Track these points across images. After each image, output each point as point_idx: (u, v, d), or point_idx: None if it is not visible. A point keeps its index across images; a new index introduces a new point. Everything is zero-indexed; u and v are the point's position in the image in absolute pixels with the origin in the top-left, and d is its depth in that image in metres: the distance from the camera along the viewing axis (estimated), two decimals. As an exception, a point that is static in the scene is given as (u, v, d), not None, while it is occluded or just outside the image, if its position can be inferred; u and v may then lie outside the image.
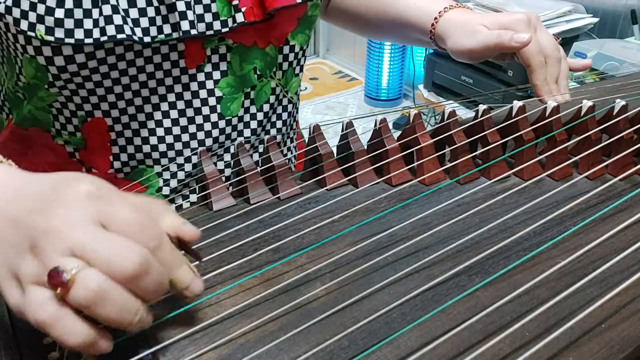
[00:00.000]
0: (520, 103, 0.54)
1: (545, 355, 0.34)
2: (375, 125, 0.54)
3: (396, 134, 0.54)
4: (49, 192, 0.31)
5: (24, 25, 0.47)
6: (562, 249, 0.43)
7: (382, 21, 0.74)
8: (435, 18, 0.67)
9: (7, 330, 0.37)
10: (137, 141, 0.57)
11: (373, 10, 0.74)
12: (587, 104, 0.55)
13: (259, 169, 0.52)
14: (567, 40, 1.69)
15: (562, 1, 1.75)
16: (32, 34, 0.47)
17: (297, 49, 0.61)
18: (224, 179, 0.55)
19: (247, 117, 0.61)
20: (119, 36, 0.48)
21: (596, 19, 1.68)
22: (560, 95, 0.62)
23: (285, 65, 0.62)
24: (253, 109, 0.61)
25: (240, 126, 0.61)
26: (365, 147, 0.54)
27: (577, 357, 0.34)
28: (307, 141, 0.54)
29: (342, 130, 0.53)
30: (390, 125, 0.54)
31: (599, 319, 0.37)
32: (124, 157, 0.58)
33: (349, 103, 2.86)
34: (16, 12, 0.47)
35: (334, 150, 0.54)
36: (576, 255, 0.37)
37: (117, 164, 0.58)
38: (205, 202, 0.50)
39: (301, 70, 0.65)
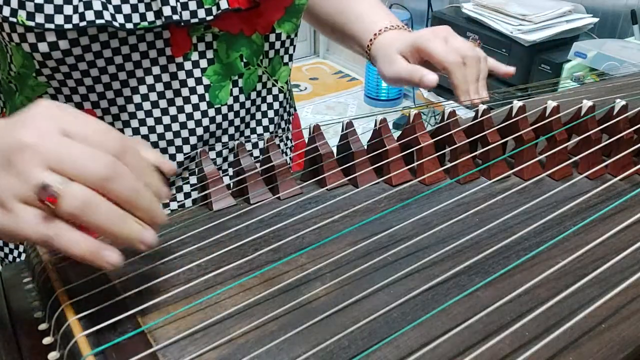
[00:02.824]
0: (520, 103, 0.54)
1: (545, 355, 0.34)
2: (375, 125, 0.54)
3: (396, 134, 0.54)
4: (17, 117, 0.34)
5: (6, 11, 0.48)
6: (562, 249, 0.43)
7: (331, 26, 0.76)
8: (371, 40, 0.69)
9: (7, 329, 0.37)
10: (128, 132, 0.57)
11: (324, 12, 0.75)
12: (587, 104, 0.55)
13: (259, 169, 0.52)
14: (567, 40, 1.69)
15: (562, 1, 1.75)
16: (14, 20, 0.48)
17: (283, 37, 0.61)
18: (221, 173, 0.55)
19: (236, 106, 0.61)
20: (98, 21, 0.49)
21: (596, 19, 1.68)
22: (477, 95, 0.63)
23: (271, 53, 0.62)
24: (242, 98, 0.61)
25: (231, 115, 0.61)
26: (365, 147, 0.54)
27: (577, 357, 0.34)
28: (307, 141, 0.54)
29: (342, 130, 0.53)
30: (390, 125, 0.54)
31: (599, 319, 0.37)
32: None
33: (349, 103, 2.86)
34: None
35: (334, 150, 0.54)
36: (576, 255, 0.37)
37: None
38: (205, 202, 0.50)
39: (290, 59, 0.65)
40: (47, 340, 0.36)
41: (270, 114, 0.66)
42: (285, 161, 0.51)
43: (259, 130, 0.65)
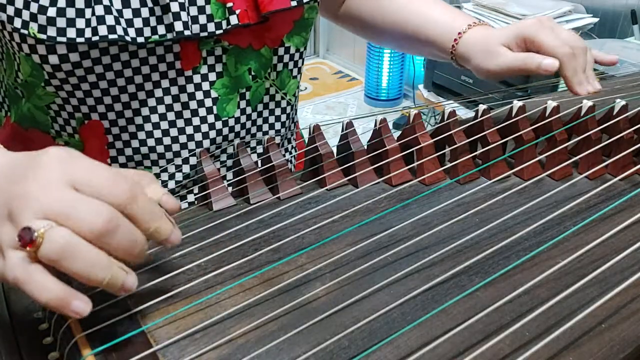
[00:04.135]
0: (520, 103, 0.54)
1: (545, 355, 0.34)
2: (375, 125, 0.54)
3: (396, 134, 0.54)
4: (26, 161, 0.33)
5: (17, 23, 0.47)
6: (562, 249, 0.43)
7: (399, 34, 0.73)
8: (455, 39, 0.67)
9: (7, 330, 0.37)
10: (135, 143, 0.57)
11: (390, 22, 0.73)
12: (587, 104, 0.55)
13: (259, 168, 0.52)
14: (567, 40, 1.68)
15: (562, 1, 1.75)
16: (25, 32, 0.47)
17: (292, 50, 0.61)
18: (225, 182, 0.55)
19: (243, 119, 0.61)
20: (111, 37, 0.49)
21: (596, 19, 1.68)
22: (591, 85, 0.62)
23: (279, 67, 0.62)
24: (249, 110, 0.61)
25: (237, 127, 0.61)
26: (365, 147, 0.54)
27: (577, 357, 0.34)
28: (307, 141, 0.54)
29: (342, 130, 0.53)
30: (390, 125, 0.54)
31: (599, 319, 0.37)
32: (122, 159, 0.58)
33: (349, 103, 2.86)
34: (10, 10, 0.47)
35: (334, 150, 0.54)
36: (576, 255, 0.37)
37: (114, 167, 0.58)
38: (205, 202, 0.50)
39: (299, 72, 0.65)
40: (47, 340, 0.36)
41: (277, 125, 0.65)
42: (285, 161, 0.51)
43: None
